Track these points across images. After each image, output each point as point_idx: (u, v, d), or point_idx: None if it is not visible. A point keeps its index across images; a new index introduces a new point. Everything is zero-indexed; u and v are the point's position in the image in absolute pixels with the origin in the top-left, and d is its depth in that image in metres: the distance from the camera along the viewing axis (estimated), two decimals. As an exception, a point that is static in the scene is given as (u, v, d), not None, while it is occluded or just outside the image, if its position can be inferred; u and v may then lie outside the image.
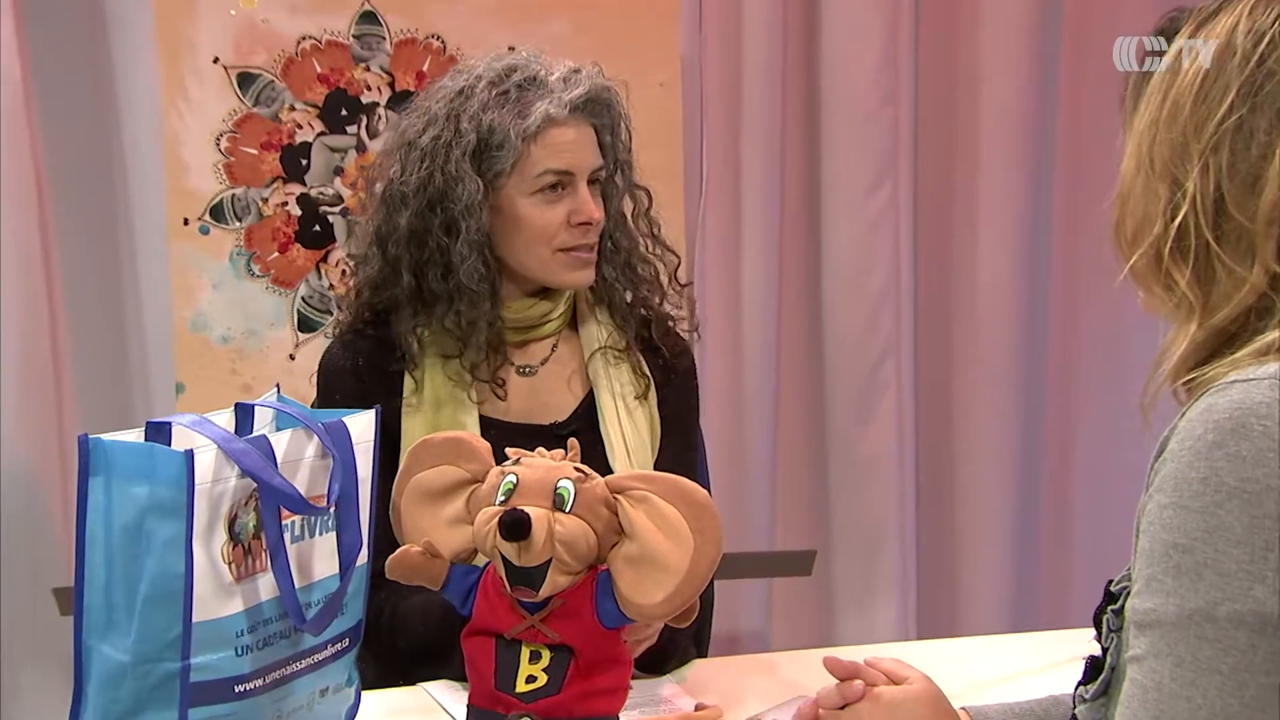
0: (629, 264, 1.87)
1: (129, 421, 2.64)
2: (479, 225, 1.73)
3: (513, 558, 1.29)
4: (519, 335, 1.84)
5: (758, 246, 2.93)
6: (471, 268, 1.74)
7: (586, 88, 1.76)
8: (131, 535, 1.25)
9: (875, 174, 2.95)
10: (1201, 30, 1.11)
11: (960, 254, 3.06)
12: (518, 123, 1.73)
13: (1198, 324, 1.08)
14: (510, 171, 1.75)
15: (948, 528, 3.11)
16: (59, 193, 2.68)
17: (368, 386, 1.78)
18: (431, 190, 1.75)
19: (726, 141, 2.92)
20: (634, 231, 1.87)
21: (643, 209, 1.88)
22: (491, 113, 1.74)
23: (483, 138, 1.74)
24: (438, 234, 1.75)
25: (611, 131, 1.81)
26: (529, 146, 1.74)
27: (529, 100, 1.74)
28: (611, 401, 1.83)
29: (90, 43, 2.67)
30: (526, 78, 1.76)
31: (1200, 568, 0.99)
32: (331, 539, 1.40)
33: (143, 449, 1.26)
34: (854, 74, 2.92)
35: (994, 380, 3.04)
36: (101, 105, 2.69)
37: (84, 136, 2.70)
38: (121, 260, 2.73)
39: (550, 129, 1.74)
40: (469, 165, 1.73)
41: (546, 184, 1.76)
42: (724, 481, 2.80)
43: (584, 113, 1.77)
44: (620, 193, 1.84)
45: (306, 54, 2.62)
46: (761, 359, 2.95)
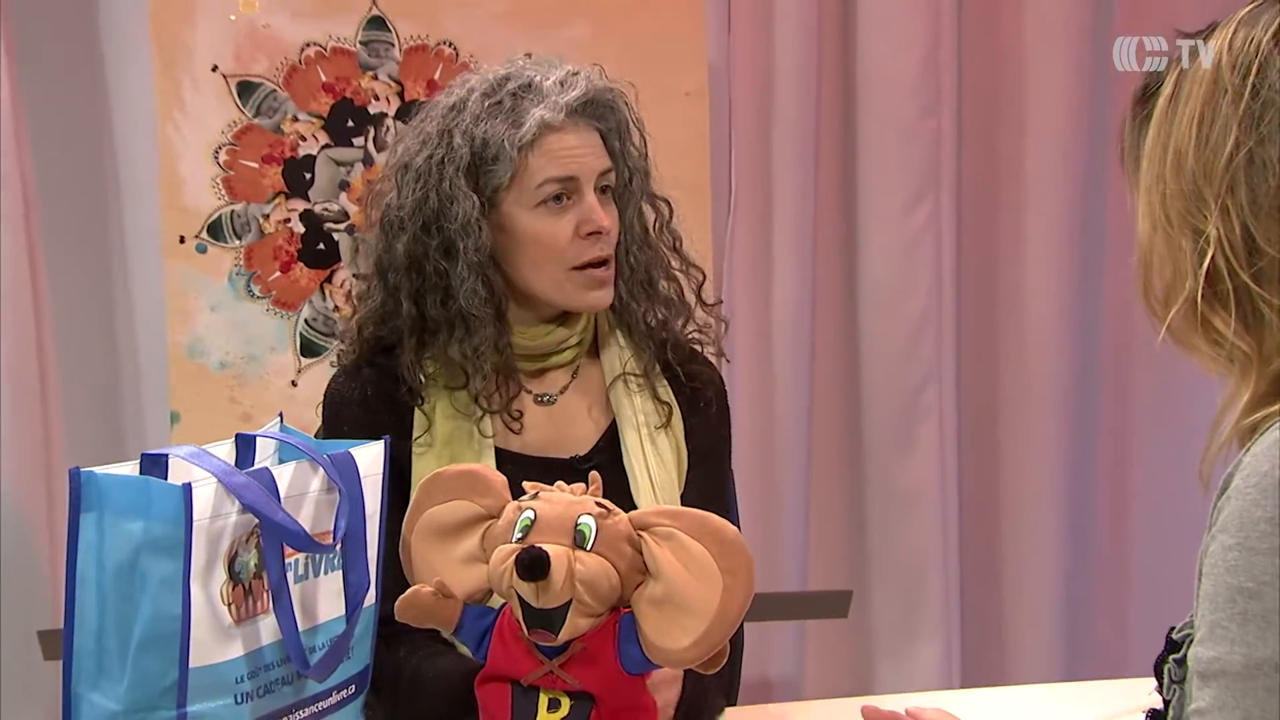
0: (648, 281, 1.85)
1: (120, 453, 2.65)
2: (477, 245, 1.73)
3: (530, 599, 1.29)
4: (535, 363, 1.84)
5: (790, 265, 2.93)
6: (471, 291, 1.73)
7: (584, 89, 1.75)
8: (125, 575, 1.26)
9: (915, 188, 2.95)
10: (1182, 79, 1.12)
11: (1006, 273, 3.06)
12: (512, 132, 1.72)
13: (1256, 373, 1.08)
14: (509, 185, 1.74)
15: (994, 566, 3.10)
16: (47, 209, 2.70)
17: (377, 418, 1.78)
18: (427, 212, 1.74)
19: (757, 154, 2.92)
20: (654, 245, 1.86)
21: (664, 221, 1.87)
22: (484, 124, 1.73)
23: (476, 151, 1.73)
24: (435, 258, 1.75)
25: (620, 135, 1.80)
26: (526, 156, 1.73)
27: (523, 108, 1.73)
28: (635, 434, 1.83)
29: (82, 49, 2.70)
30: (521, 85, 1.75)
31: (1269, 614, 0.99)
32: (337, 578, 1.40)
33: (138, 483, 1.27)
34: (893, 82, 2.92)
35: (1043, 408, 3.03)
36: (93, 116, 2.71)
37: (74, 149, 2.72)
38: (113, 280, 2.75)
39: (547, 135, 1.73)
40: (464, 182, 1.73)
41: (549, 194, 1.74)
42: (754, 516, 2.79)
43: (584, 115, 1.76)
44: (635, 203, 1.83)
45: (310, 61, 2.64)
46: (793, 385, 2.95)
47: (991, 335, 3.08)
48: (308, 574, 1.37)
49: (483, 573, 1.36)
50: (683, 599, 1.29)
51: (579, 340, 1.85)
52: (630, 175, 1.81)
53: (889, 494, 3.02)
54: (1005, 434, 3.08)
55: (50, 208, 2.70)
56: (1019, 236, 3.04)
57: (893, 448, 3.01)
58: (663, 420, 1.84)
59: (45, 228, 2.70)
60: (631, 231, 1.83)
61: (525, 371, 1.83)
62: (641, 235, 1.84)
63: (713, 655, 1.31)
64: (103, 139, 2.72)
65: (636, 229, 1.84)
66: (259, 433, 1.42)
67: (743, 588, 1.28)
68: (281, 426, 1.45)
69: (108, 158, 2.73)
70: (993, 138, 3.04)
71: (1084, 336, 3.07)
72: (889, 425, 3.00)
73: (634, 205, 1.83)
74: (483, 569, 1.36)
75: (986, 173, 3.05)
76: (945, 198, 2.98)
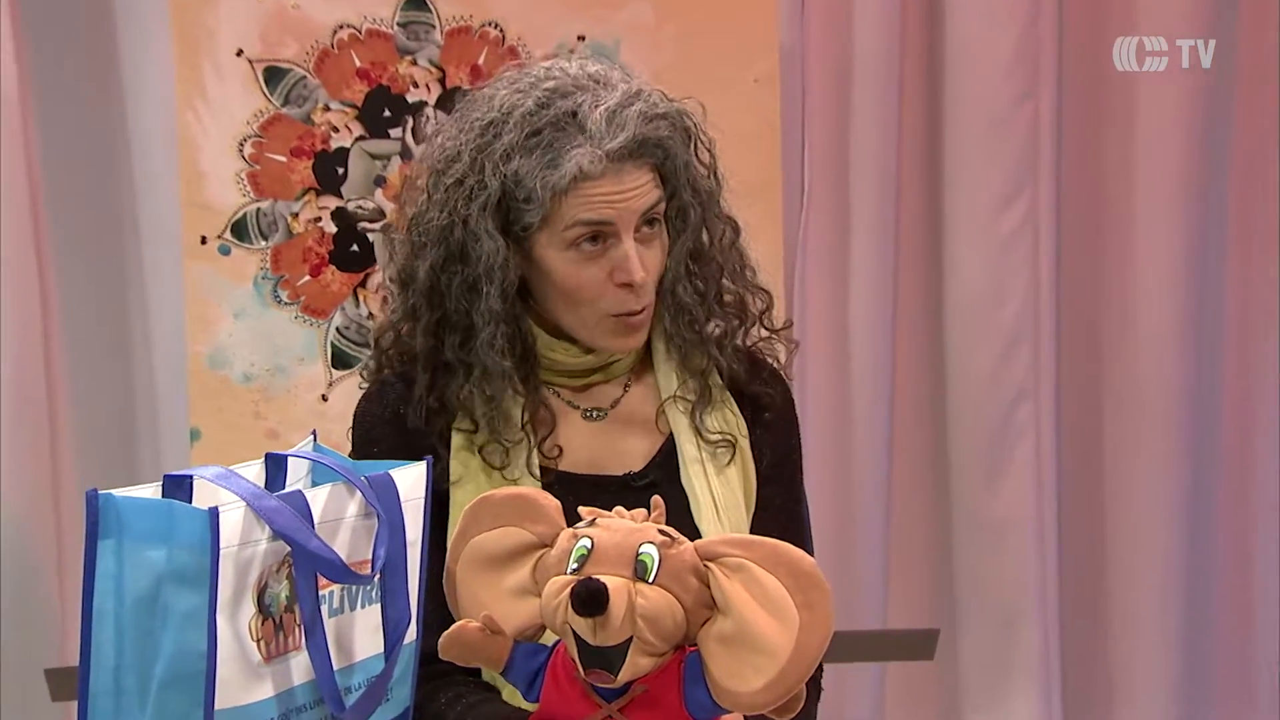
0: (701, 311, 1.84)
1: (133, 475, 2.68)
2: (501, 290, 1.72)
3: (587, 636, 1.30)
4: (581, 378, 1.85)
5: (868, 270, 2.93)
6: (488, 343, 1.74)
7: (633, 131, 1.71)
8: (146, 607, 1.27)
9: (1009, 184, 2.94)
10: None
11: (1112, 278, 3.04)
12: (547, 174, 1.71)
13: None
14: (540, 226, 1.75)
15: (1099, 603, 3.08)
16: (57, 207, 2.73)
17: (410, 438, 1.79)
18: (452, 243, 1.75)
19: (832, 146, 2.92)
20: (712, 270, 1.83)
21: (728, 242, 1.87)
22: (518, 160, 1.72)
23: (508, 190, 1.72)
24: (458, 294, 1.75)
25: (677, 161, 1.77)
26: (560, 200, 1.73)
27: (562, 146, 1.71)
28: (695, 451, 1.83)
29: (94, 33, 2.72)
30: (564, 114, 1.72)
31: None
32: (376, 612, 1.41)
33: (160, 506, 1.28)
34: (985, 65, 2.92)
35: (1155, 428, 3.01)
36: (106, 105, 2.74)
37: (86, 142, 2.75)
38: (128, 285, 2.77)
39: (584, 183, 1.71)
40: (490, 223, 1.72)
41: (580, 236, 1.75)
42: (829, 547, 2.79)
43: (631, 159, 1.74)
44: (693, 227, 1.82)
45: (344, 45, 2.66)
46: (872, 404, 2.94)
47: (1095, 348, 3.07)
48: (343, 607, 1.38)
49: (534, 607, 1.37)
50: (755, 637, 1.29)
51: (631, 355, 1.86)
52: (688, 199, 1.80)
53: (979, 523, 3.01)
54: (1111, 457, 3.07)
55: (59, 206, 2.73)
56: (1127, 237, 3.02)
57: (983, 473, 3.00)
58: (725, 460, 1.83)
59: (54, 227, 2.72)
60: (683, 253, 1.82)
61: (571, 387, 1.84)
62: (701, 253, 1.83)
63: (787, 700, 1.31)
64: (116, 130, 2.75)
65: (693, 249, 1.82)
66: (291, 452, 1.43)
67: (821, 625, 1.28)
68: (315, 445, 1.46)
69: (121, 151, 2.75)
70: (1098, 125, 3.03)
71: (1202, 348, 3.04)
72: (979, 448, 2.99)
73: (691, 230, 1.82)
74: (534, 603, 1.37)
75: (1090, 165, 3.04)
76: (1043, 194, 2.97)
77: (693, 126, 1.80)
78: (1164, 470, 3.03)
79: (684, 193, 1.79)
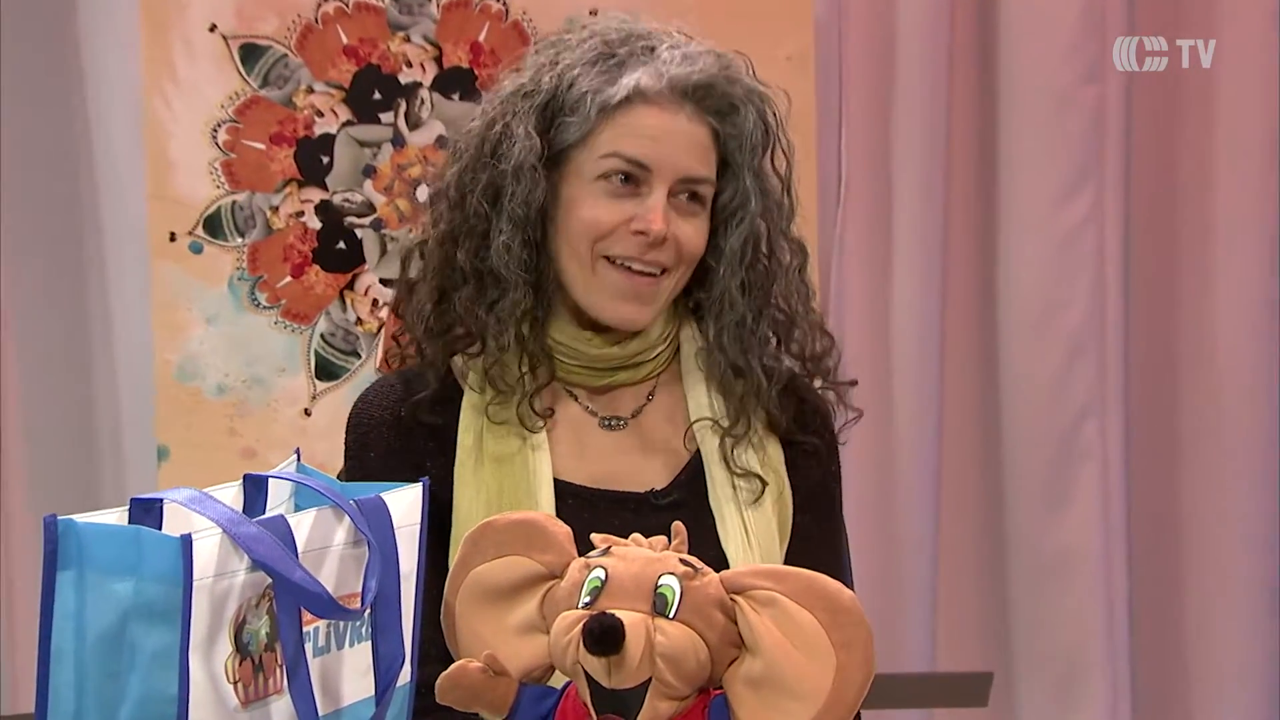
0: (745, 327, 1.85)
1: (95, 499, 2.69)
2: (526, 196, 1.76)
3: (601, 677, 1.30)
4: (600, 377, 1.86)
5: (914, 270, 2.94)
6: (504, 246, 1.77)
7: (706, 73, 1.78)
8: (110, 646, 1.27)
9: (1072, 174, 2.95)
10: None
11: (1189, 279, 3.04)
12: (603, 89, 1.76)
13: None
14: (578, 144, 1.78)
15: (1174, 648, 3.07)
16: (10, 200, 2.74)
17: (410, 443, 1.82)
18: (489, 139, 1.79)
19: (873, 132, 2.93)
20: (785, 291, 1.85)
21: (793, 267, 1.88)
22: (580, 70, 1.77)
23: (559, 95, 1.78)
24: (479, 197, 1.79)
25: (743, 146, 1.81)
26: (605, 120, 1.77)
27: (628, 68, 1.77)
28: (726, 474, 1.84)
29: (50, 7, 2.73)
30: (644, 47, 1.79)
31: None
32: (366, 651, 1.42)
33: (127, 534, 1.28)
34: (1044, 41, 2.93)
35: (1237, 447, 3.01)
36: (65, 88, 2.75)
37: (41, 127, 2.76)
38: (88, 287, 2.78)
39: (638, 106, 1.77)
40: (531, 121, 1.77)
41: (613, 170, 1.78)
42: (870, 581, 2.79)
43: (694, 102, 1.78)
44: (745, 231, 1.84)
45: (329, 20, 2.68)
46: (917, 422, 2.95)
47: (1168, 358, 3.07)
48: (330, 645, 1.39)
49: (542, 645, 1.38)
50: (787, 679, 1.29)
51: (659, 355, 1.87)
52: (748, 196, 1.82)
53: (1037, 556, 3.00)
54: (1187, 481, 3.06)
55: (11, 199, 2.74)
56: (1204, 233, 3.02)
57: (1042, 498, 3.00)
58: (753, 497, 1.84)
59: (5, 224, 2.73)
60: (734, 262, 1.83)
61: (589, 388, 1.86)
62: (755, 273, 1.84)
63: (823, 749, 1.31)
64: (75, 115, 2.76)
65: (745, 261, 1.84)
66: (273, 473, 1.44)
67: (860, 667, 1.29)
68: (298, 466, 1.47)
69: (81, 138, 2.76)
70: (1171, 108, 3.03)
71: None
72: (1038, 471, 2.99)
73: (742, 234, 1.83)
74: (543, 640, 1.37)
75: (1163, 152, 3.04)
76: (1110, 185, 2.98)
77: (774, 120, 1.83)
78: (1248, 496, 3.03)
79: (745, 177, 1.82)
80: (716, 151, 1.81)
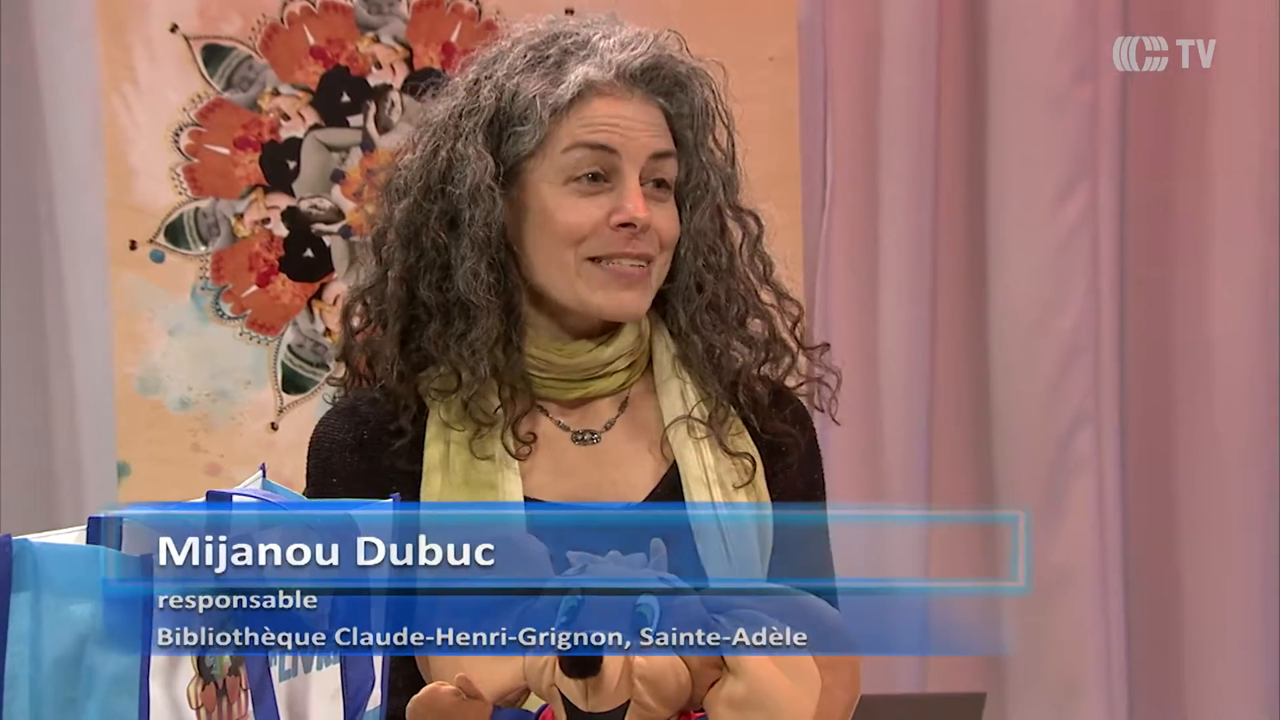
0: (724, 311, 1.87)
1: (52, 517, 2.68)
2: (486, 218, 1.76)
3: (578, 700, 1.31)
4: (573, 389, 1.86)
5: (902, 276, 2.94)
6: (471, 273, 1.76)
7: (651, 55, 1.79)
8: (67, 671, 1.27)
9: (1065, 175, 2.95)
10: None
11: (1186, 283, 3.04)
12: (548, 90, 1.76)
13: None
14: (534, 153, 1.78)
15: (1173, 668, 3.08)
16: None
17: (375, 466, 1.82)
18: (434, 171, 1.79)
19: (859, 133, 2.93)
20: (739, 269, 1.88)
21: (751, 240, 1.89)
22: (519, 78, 1.78)
23: (504, 107, 1.77)
24: (435, 228, 1.78)
25: (694, 124, 1.83)
26: (559, 120, 1.77)
27: (569, 66, 1.78)
28: (704, 488, 1.85)
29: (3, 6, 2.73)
30: (575, 42, 1.80)
31: None
32: (334, 675, 1.42)
33: (85, 554, 1.28)
34: (1036, 38, 2.93)
35: (1236, 457, 3.02)
36: (19, 91, 2.74)
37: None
38: (45, 297, 2.77)
39: (591, 99, 1.77)
40: (480, 139, 1.77)
41: (580, 167, 1.77)
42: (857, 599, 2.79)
43: (644, 85, 1.79)
44: (709, 210, 1.85)
45: (296, 20, 2.67)
46: (905, 431, 2.95)
47: (1165, 365, 3.07)
48: (296, 669, 1.39)
49: (517, 667, 1.38)
50: (770, 701, 1.30)
51: (630, 364, 1.87)
52: (705, 174, 1.84)
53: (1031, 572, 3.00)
54: (1185, 493, 3.06)
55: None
56: (1202, 236, 3.03)
57: (1036, 511, 3.00)
58: (743, 479, 1.85)
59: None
60: (700, 243, 1.85)
61: (560, 402, 1.86)
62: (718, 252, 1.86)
63: (808, 774, 1.32)
64: (30, 119, 2.75)
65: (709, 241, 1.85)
66: (237, 490, 1.44)
67: (846, 688, 1.29)
68: (264, 482, 1.47)
69: (36, 142, 2.75)
70: (1168, 108, 3.03)
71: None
72: (1031, 483, 2.99)
73: (706, 212, 1.85)
74: (517, 663, 1.37)
75: (1160, 153, 3.04)
76: (1105, 186, 2.98)
77: (713, 94, 1.84)
78: (1248, 510, 3.03)
79: (699, 159, 1.83)
80: (669, 131, 1.82)
